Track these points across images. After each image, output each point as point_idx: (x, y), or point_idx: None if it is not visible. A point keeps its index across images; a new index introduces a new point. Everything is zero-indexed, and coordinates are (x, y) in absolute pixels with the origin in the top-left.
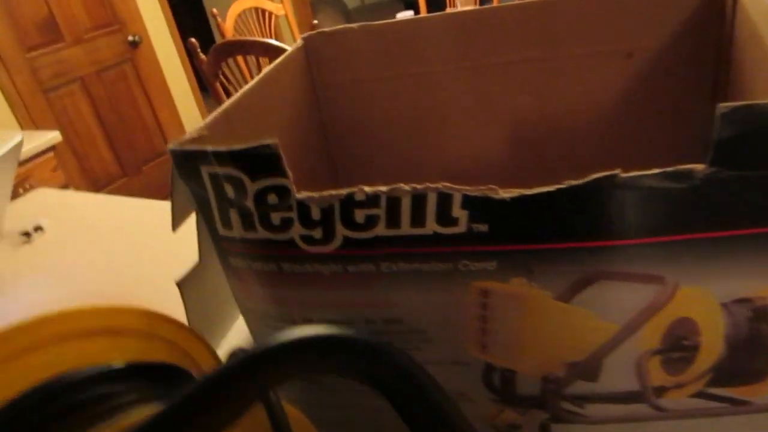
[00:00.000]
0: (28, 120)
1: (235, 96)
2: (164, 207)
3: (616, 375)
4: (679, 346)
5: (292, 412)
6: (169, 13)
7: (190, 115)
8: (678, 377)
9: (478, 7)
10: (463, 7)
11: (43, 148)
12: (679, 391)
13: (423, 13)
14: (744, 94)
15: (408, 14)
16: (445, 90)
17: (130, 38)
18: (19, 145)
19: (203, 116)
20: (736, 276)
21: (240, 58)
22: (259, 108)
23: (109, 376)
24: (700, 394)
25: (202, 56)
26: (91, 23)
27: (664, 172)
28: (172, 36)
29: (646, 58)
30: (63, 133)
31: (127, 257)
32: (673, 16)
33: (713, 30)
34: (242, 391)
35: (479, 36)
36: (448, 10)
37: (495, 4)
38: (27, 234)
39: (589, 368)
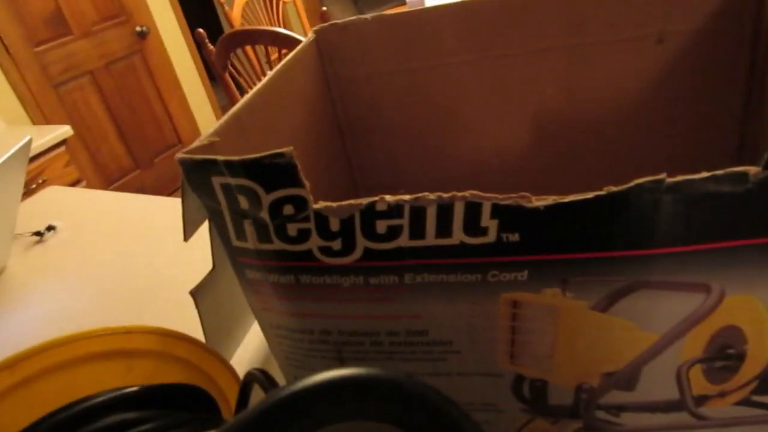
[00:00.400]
0: (39, 115)
1: (246, 97)
2: (176, 203)
3: (655, 384)
4: (723, 355)
5: None
6: (176, 3)
7: (201, 105)
8: (721, 386)
9: None
10: None
11: (54, 143)
12: (722, 399)
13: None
14: None
15: (419, 0)
16: (465, 82)
17: (138, 29)
18: (28, 144)
19: (213, 106)
20: None
21: (249, 48)
22: (272, 109)
23: (124, 401)
24: (744, 402)
25: (211, 47)
26: (98, 15)
27: (714, 175)
28: (180, 26)
29: (678, 44)
30: (74, 127)
31: (141, 256)
32: None
33: (751, 8)
34: None
35: (499, 24)
36: None
37: None
38: (39, 234)
39: (626, 378)
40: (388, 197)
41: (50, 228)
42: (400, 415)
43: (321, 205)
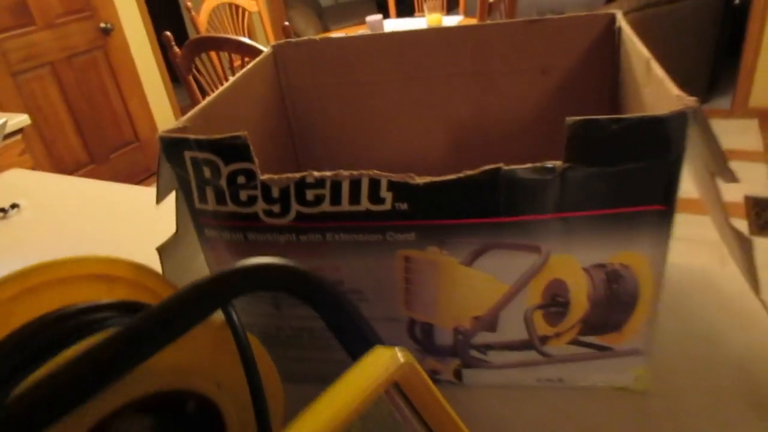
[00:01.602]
0: None
1: (211, 96)
2: (138, 191)
3: (510, 327)
4: (554, 302)
5: (251, 338)
6: (143, 2)
7: (161, 105)
8: (556, 328)
9: (417, 29)
10: (431, 11)
11: (10, 130)
12: (558, 339)
13: (392, 15)
14: (629, 108)
15: (377, 17)
16: (394, 96)
17: (102, 25)
18: (3, 126)
19: (173, 107)
20: (593, 246)
21: (213, 53)
22: (233, 107)
23: (100, 307)
24: (574, 342)
25: (177, 50)
26: (62, 8)
27: (533, 166)
28: (145, 25)
29: (557, 75)
30: (31, 117)
31: (103, 237)
32: (579, 42)
33: (609, 54)
34: (208, 299)
35: (423, 53)
36: (416, 13)
37: (496, 18)
38: (3, 210)
39: (489, 321)
40: (315, 173)
41: (14, 206)
42: (290, 287)
43: (266, 176)
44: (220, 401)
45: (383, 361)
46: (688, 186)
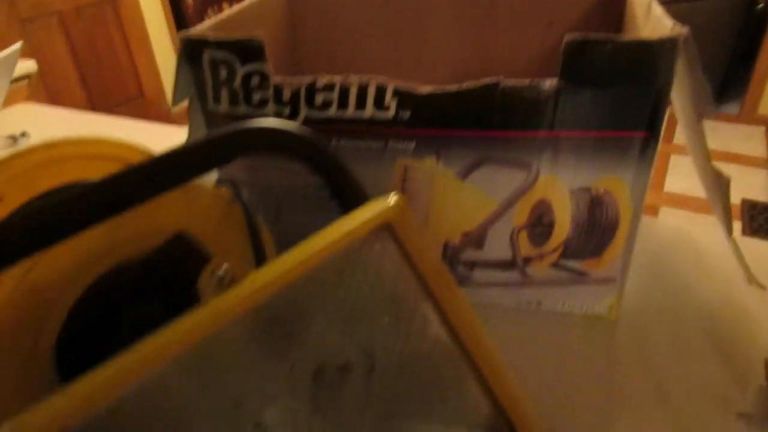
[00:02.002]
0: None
1: (227, 12)
2: (143, 126)
3: (496, 245)
4: (540, 222)
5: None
6: None
7: (167, 62)
8: (540, 249)
9: None
10: None
11: (17, 74)
12: (541, 261)
13: None
14: None
15: None
16: (406, 37)
17: None
18: (17, 52)
19: None
20: (579, 169)
21: (225, 5)
22: (245, 22)
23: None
24: (555, 265)
25: (189, 0)
26: None
27: (530, 83)
28: None
29: (563, 27)
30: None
31: None
32: None
33: (615, 8)
34: (211, 155)
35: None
36: None
37: None
38: (13, 138)
39: (477, 238)
40: (325, 76)
41: (23, 134)
42: (289, 148)
43: (278, 78)
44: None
45: (376, 205)
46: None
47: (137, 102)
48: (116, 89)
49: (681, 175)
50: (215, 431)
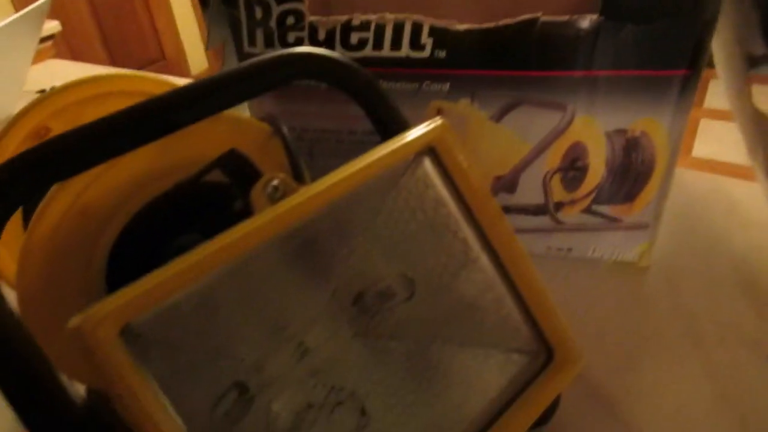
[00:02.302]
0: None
1: None
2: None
3: (528, 190)
4: (573, 166)
5: None
6: None
7: (188, 25)
8: (572, 194)
9: None
10: None
11: (43, 35)
12: (572, 206)
13: None
14: None
15: None
16: None
17: None
18: (47, 3)
19: (200, 26)
20: (616, 110)
21: None
22: None
23: None
24: (587, 210)
25: None
26: None
27: (569, 18)
28: None
29: None
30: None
31: None
32: None
33: None
34: (252, 81)
35: None
36: None
37: None
38: (43, 91)
39: (510, 182)
40: (361, 14)
41: (53, 89)
42: (332, 75)
43: (313, 17)
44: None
45: (419, 129)
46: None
47: (159, 65)
48: (138, 52)
49: (711, 141)
50: (260, 349)
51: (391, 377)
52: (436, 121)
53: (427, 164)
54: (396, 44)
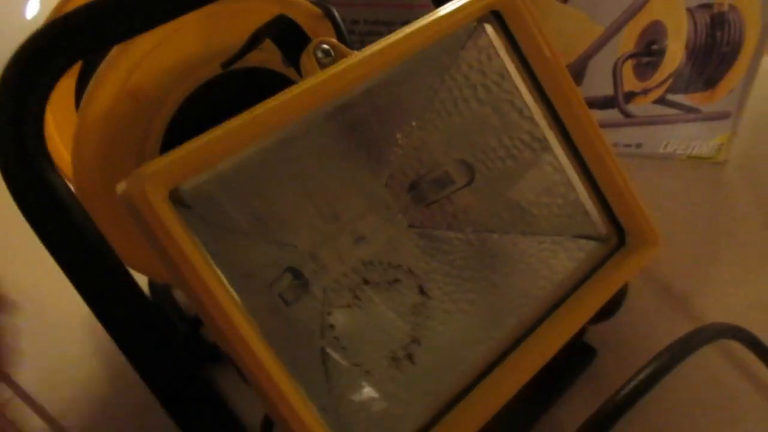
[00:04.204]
0: None
1: None
2: None
3: (596, 80)
4: (649, 51)
5: None
6: None
7: None
8: (645, 82)
9: None
10: None
11: None
12: (645, 97)
13: None
14: None
15: None
16: None
17: None
18: None
19: None
20: None
21: None
22: None
23: None
24: (660, 101)
25: None
26: None
27: None
28: None
29: None
30: None
31: None
32: None
33: None
34: None
35: None
36: None
37: None
38: None
39: (576, 71)
40: None
41: None
42: None
43: None
44: None
45: None
46: None
47: None
48: None
49: None
50: (313, 237)
51: (448, 266)
52: None
53: (491, 32)
54: None
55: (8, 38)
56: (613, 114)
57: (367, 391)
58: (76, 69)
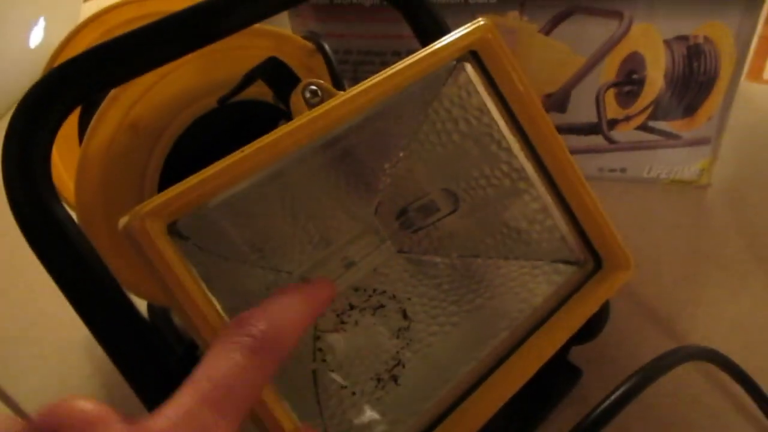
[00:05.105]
0: None
1: None
2: None
3: (580, 107)
4: (629, 80)
5: None
6: None
7: None
8: (627, 110)
9: None
10: None
11: None
12: (627, 123)
13: None
14: None
15: None
16: None
17: None
18: None
19: None
20: (677, 15)
21: None
22: None
23: None
24: (642, 127)
25: None
26: None
27: None
28: None
29: None
30: None
31: None
32: None
33: None
34: None
35: None
36: None
37: None
38: None
39: (560, 100)
40: None
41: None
42: None
43: None
44: None
45: (460, 30)
46: None
47: None
48: None
49: None
50: (306, 263)
51: (433, 290)
52: (478, 22)
53: (470, 70)
54: None
55: (12, 67)
56: (597, 140)
57: (355, 412)
58: None
